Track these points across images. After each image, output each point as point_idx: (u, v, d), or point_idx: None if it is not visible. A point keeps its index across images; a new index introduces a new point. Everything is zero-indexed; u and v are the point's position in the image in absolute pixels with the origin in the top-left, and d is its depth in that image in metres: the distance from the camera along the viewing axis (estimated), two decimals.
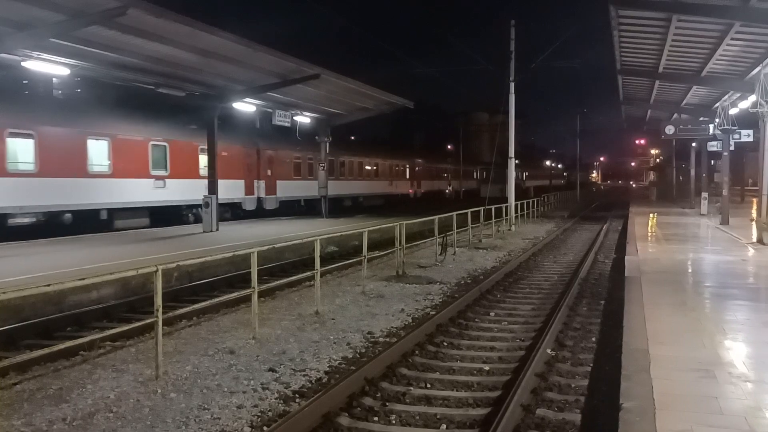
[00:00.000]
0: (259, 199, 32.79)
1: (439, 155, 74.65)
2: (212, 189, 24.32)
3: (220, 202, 26.91)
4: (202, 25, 16.53)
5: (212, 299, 10.33)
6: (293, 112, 28.32)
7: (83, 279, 7.58)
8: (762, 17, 14.86)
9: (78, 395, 7.17)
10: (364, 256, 14.43)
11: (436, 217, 20.13)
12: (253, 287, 9.89)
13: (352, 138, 66.73)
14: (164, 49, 17.71)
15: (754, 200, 24.69)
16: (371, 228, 15.90)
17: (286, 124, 28.12)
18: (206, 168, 26.07)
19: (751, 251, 17.52)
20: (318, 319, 11.12)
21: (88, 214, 22.90)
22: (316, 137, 32.92)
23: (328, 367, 8.40)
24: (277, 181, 34.06)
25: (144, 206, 25.57)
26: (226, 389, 7.39)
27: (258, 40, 19.11)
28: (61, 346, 7.44)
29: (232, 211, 30.65)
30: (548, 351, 9.02)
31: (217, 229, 23.74)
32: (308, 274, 12.44)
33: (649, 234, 23.54)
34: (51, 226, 21.73)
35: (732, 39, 17.84)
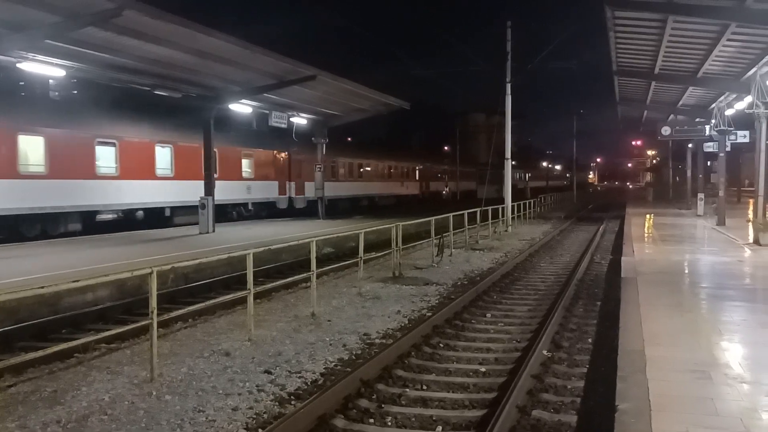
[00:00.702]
0: (290, 199, 35.68)
1: (439, 156, 75.12)
2: (208, 190, 24.32)
3: (258, 201, 32.37)
4: (198, 26, 16.49)
5: (208, 301, 10.31)
6: (290, 113, 28.34)
7: (77, 281, 7.56)
8: (758, 18, 14.87)
9: (72, 397, 7.14)
10: (360, 257, 14.42)
11: (432, 219, 20.12)
12: (249, 289, 9.88)
13: (349, 139, 66.66)
14: (160, 51, 17.68)
15: (751, 201, 24.73)
16: (367, 229, 15.89)
17: (283, 126, 28.11)
18: (248, 171, 31.34)
19: (747, 252, 17.54)
20: (314, 321, 11.10)
21: (155, 212, 26.16)
22: (313, 138, 32.92)
23: (324, 368, 8.38)
24: (305, 183, 36.68)
25: (196, 205, 27.06)
26: (221, 391, 7.36)
27: (256, 41, 19.11)
28: (56, 349, 7.43)
29: (268, 210, 33.76)
30: (544, 352, 9.01)
31: (214, 231, 23.71)
32: (304, 275, 12.42)
33: (646, 235, 23.56)
34: (127, 221, 25.14)
35: (728, 40, 17.87)
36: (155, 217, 26.16)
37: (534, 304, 12.95)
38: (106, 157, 23.87)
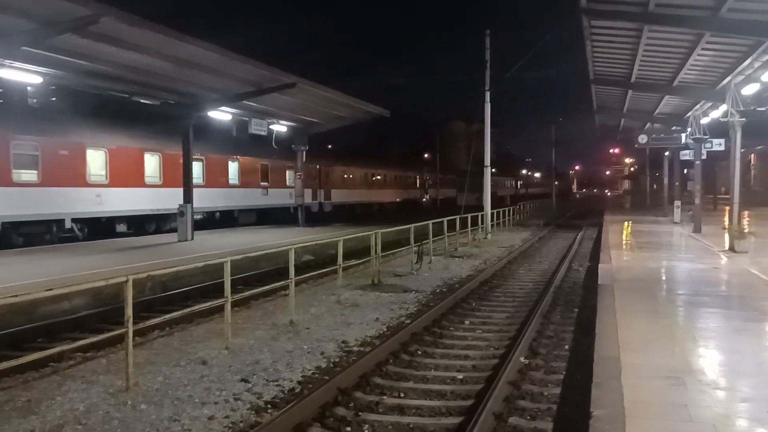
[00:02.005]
0: (320, 204, 41.88)
1: (430, 165, 76.43)
2: (187, 198, 24.20)
3: (296, 205, 35.28)
4: (175, 34, 16.44)
5: (185, 309, 10.25)
6: (269, 120, 28.30)
7: (50, 290, 7.49)
8: (732, 27, 15.09)
9: (47, 407, 7.07)
10: (340, 265, 14.42)
11: (411, 226, 20.15)
12: (226, 297, 9.83)
13: (329, 146, 66.53)
14: (138, 58, 17.60)
15: (727, 208, 24.98)
16: (346, 237, 15.89)
17: (263, 133, 28.07)
18: (290, 180, 36.50)
19: (723, 259, 17.70)
20: (292, 329, 11.08)
21: (227, 214, 32.29)
22: (293, 146, 32.94)
23: (302, 376, 8.37)
24: (332, 190, 43.72)
25: (255, 208, 34.63)
26: (197, 400, 7.32)
27: (236, 50, 19.10)
28: (30, 358, 7.36)
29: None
30: (521, 359, 9.05)
31: (193, 238, 23.59)
32: (283, 283, 12.38)
33: (623, 242, 23.72)
34: (208, 221, 30.74)
35: (703, 49, 18.11)
36: (228, 218, 32.46)
37: (512, 311, 13.00)
38: (195, 170, 28.22)
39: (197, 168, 29.21)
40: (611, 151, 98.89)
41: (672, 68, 21.33)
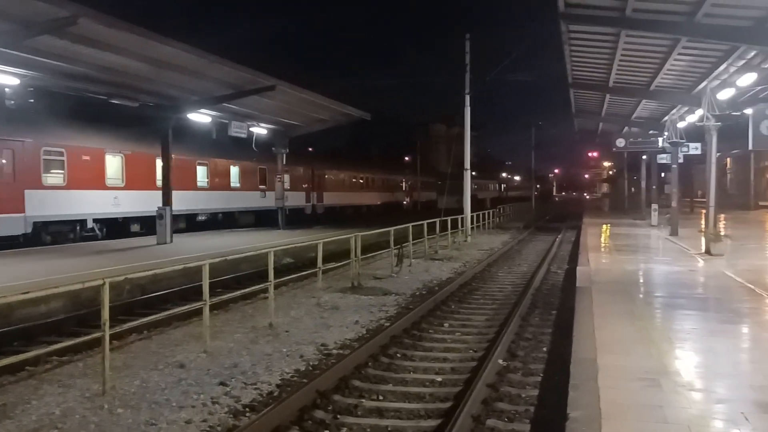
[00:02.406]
0: (313, 206, 43.63)
1: (411, 168, 77.07)
2: (166, 200, 24.05)
3: (292, 207, 37.48)
4: (153, 35, 16.35)
5: (163, 312, 10.19)
6: (249, 123, 28.18)
7: (27, 293, 7.42)
8: (707, 33, 15.25)
9: (22, 411, 7.01)
10: (319, 267, 14.40)
11: (392, 229, 20.17)
12: (205, 300, 9.79)
13: (310, 149, 66.44)
14: (116, 59, 17.49)
15: (703, 212, 25.23)
16: (326, 240, 15.88)
17: (243, 136, 27.95)
18: (287, 184, 36.56)
19: (699, 262, 17.88)
20: (271, 332, 11.05)
21: (229, 215, 34.16)
22: (273, 149, 32.86)
23: (280, 380, 8.35)
24: (324, 193, 45.46)
25: (254, 210, 36.29)
26: (174, 404, 7.28)
27: (219, 52, 19.07)
28: (6, 362, 7.29)
29: (297, 215, 39.97)
30: (500, 361, 9.09)
31: (172, 241, 23.45)
32: (262, 286, 12.35)
33: (601, 245, 23.90)
34: (212, 222, 32.63)
35: (679, 54, 18.31)
36: (230, 220, 34.16)
37: (491, 314, 13.05)
38: (201, 174, 31.50)
39: (202, 172, 31.71)
40: (590, 154, 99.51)
41: (649, 73, 21.55)
